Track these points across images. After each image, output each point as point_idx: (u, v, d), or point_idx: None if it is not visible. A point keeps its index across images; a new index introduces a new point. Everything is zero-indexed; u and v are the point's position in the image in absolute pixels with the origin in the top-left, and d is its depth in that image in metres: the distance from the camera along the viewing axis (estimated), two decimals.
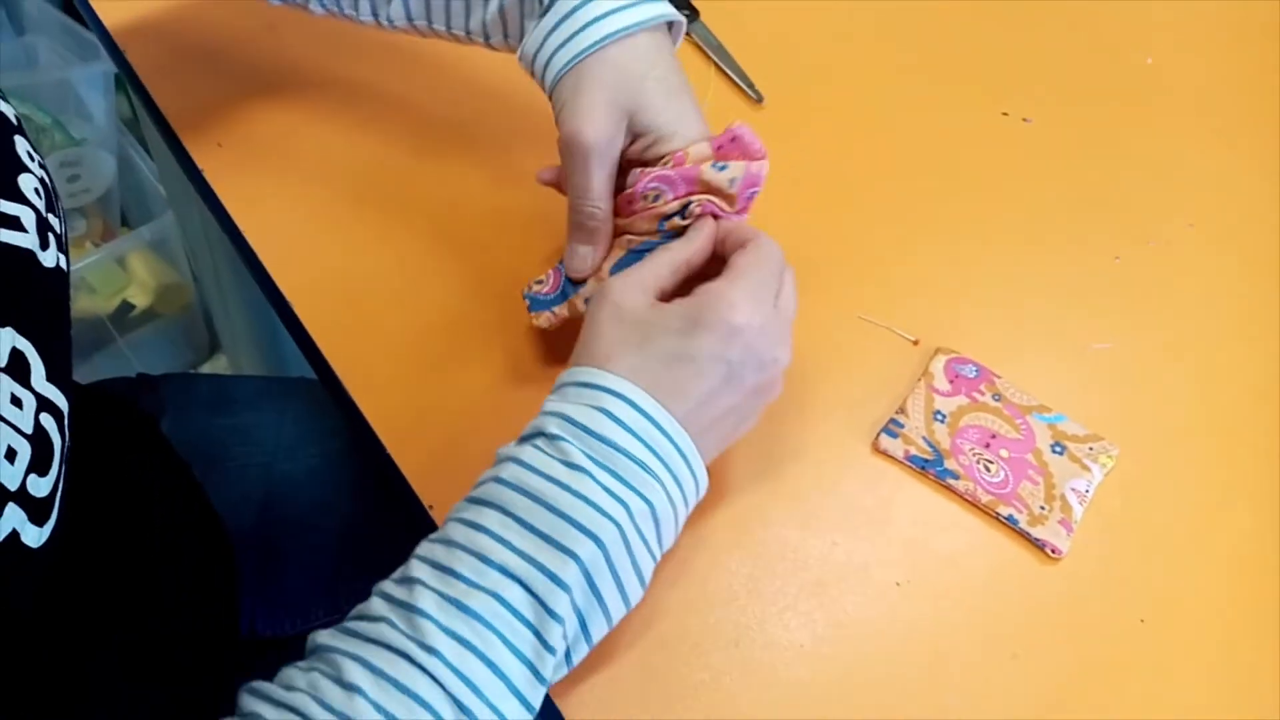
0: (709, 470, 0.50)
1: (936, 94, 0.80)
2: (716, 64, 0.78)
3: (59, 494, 0.40)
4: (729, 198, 0.54)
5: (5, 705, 0.46)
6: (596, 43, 0.53)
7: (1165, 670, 0.55)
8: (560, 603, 0.43)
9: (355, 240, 0.66)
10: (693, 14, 0.80)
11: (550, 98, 0.57)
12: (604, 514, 0.45)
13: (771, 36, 0.82)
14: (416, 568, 0.44)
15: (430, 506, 0.55)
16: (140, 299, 1.49)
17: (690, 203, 0.54)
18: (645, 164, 0.56)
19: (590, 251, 0.57)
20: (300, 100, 0.68)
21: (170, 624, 0.63)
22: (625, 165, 0.57)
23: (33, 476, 0.38)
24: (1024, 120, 0.78)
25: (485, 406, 0.60)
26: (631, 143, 0.56)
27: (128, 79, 0.72)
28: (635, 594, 0.47)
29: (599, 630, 0.46)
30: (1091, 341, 0.67)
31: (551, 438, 0.46)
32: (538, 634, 0.43)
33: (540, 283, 0.59)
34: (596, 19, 0.54)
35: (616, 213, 0.57)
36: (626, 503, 0.45)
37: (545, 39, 0.55)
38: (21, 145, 0.43)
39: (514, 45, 0.59)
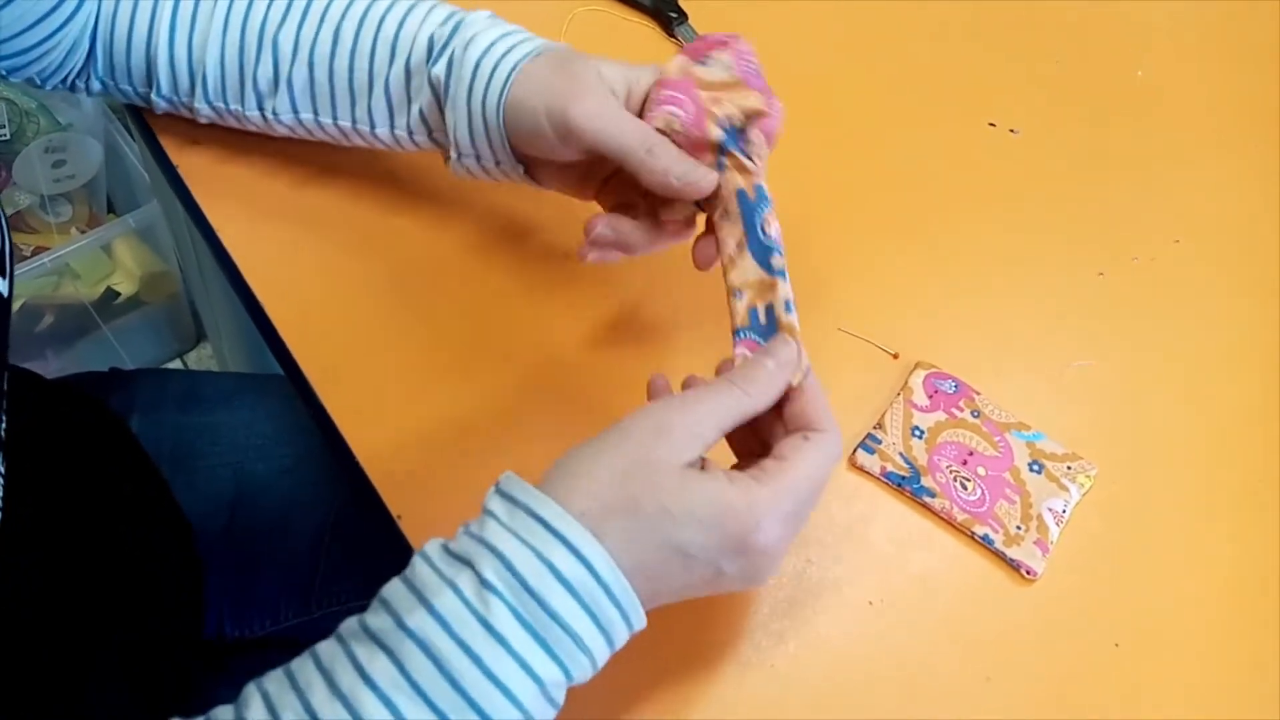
0: None
1: (923, 103, 0.79)
2: None
3: None
4: (735, 87, 0.50)
5: None
6: (514, 68, 0.53)
7: (1139, 696, 0.54)
8: None
9: (331, 240, 0.65)
10: (681, 16, 0.80)
11: (512, 146, 0.56)
12: (510, 699, 0.39)
13: (758, 42, 0.80)
14: (288, 705, 0.38)
15: (399, 517, 0.54)
16: (125, 287, 1.48)
17: (729, 136, 0.50)
18: None
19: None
20: None
21: (133, 626, 0.62)
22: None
23: None
24: (1011, 132, 0.78)
25: (459, 413, 0.59)
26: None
27: None
28: None
29: None
30: (1073, 358, 0.66)
31: (483, 585, 0.39)
32: None
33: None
34: (500, 58, 0.54)
35: None
36: (542, 678, 0.40)
37: (468, 103, 0.54)
38: None
39: (399, 134, 0.60)
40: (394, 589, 0.41)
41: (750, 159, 0.51)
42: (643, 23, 0.80)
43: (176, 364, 1.64)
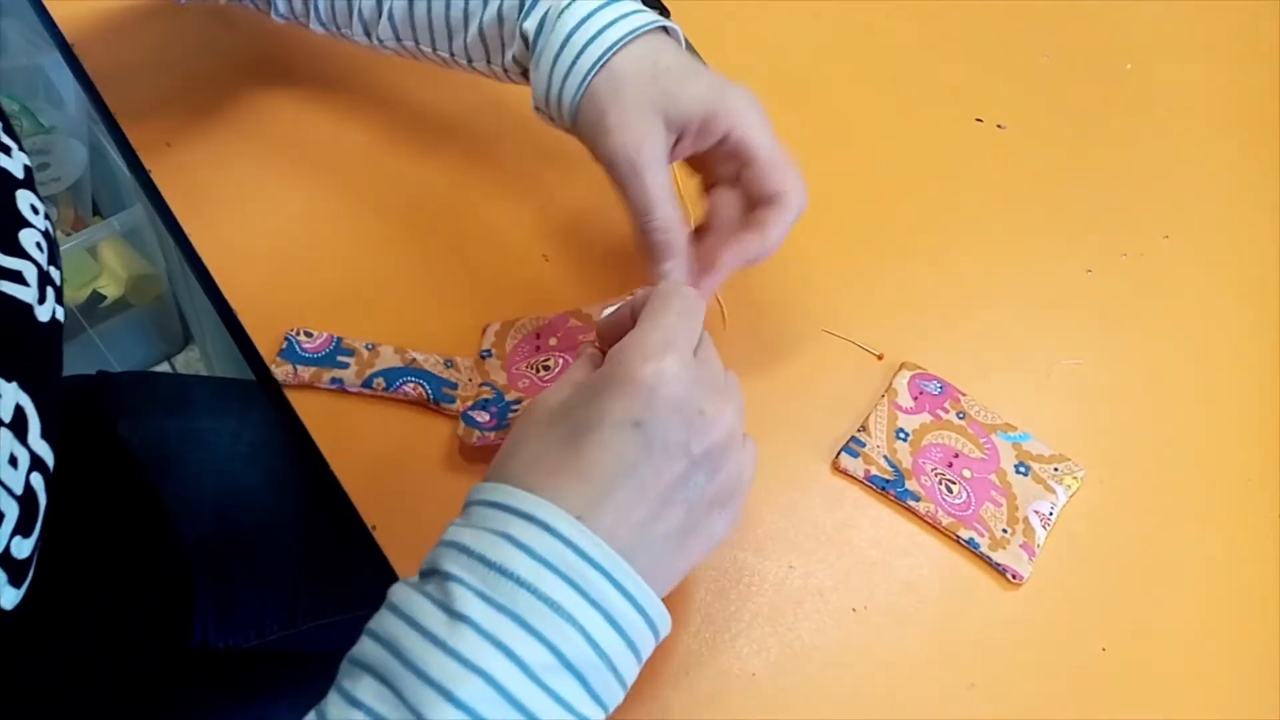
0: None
1: (910, 100, 0.78)
2: None
3: (37, 553, 0.39)
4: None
5: None
6: (598, 60, 0.52)
7: (1127, 701, 0.54)
8: None
9: (307, 244, 0.64)
10: (663, 15, 0.78)
11: (577, 132, 0.56)
12: (486, 679, 0.36)
13: (744, 41, 0.80)
14: None
15: (374, 527, 0.53)
16: (111, 290, 1.47)
17: None
18: (708, 155, 0.56)
19: (676, 265, 0.53)
20: (255, 103, 0.66)
21: (119, 631, 0.62)
22: (694, 165, 0.57)
23: (17, 538, 0.37)
24: (999, 127, 0.77)
25: (434, 424, 0.58)
26: (679, 140, 0.54)
27: (76, 75, 0.70)
28: None
29: None
30: (1061, 357, 0.66)
31: (445, 577, 0.38)
32: None
33: (482, 410, 0.56)
34: (591, 39, 0.53)
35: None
36: (519, 655, 0.37)
37: (549, 77, 0.54)
38: (25, 199, 0.43)
39: (496, 71, 0.59)
40: (376, 616, 0.40)
41: None
42: None
43: (164, 367, 1.63)
